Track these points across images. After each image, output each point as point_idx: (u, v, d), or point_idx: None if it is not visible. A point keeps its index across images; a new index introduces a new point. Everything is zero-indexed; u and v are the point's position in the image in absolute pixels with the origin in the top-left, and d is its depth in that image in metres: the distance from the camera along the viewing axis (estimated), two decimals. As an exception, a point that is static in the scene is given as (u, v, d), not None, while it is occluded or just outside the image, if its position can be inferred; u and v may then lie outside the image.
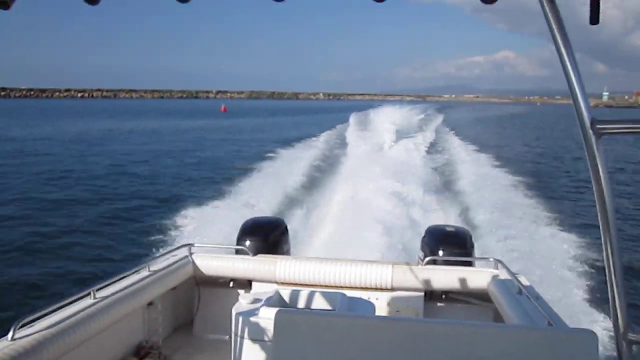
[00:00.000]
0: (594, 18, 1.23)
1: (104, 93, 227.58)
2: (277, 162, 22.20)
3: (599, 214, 1.33)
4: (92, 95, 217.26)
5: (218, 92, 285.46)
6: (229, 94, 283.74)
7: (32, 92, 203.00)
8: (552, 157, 30.79)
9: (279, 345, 1.95)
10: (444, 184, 17.18)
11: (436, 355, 1.86)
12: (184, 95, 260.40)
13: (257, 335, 3.07)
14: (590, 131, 1.30)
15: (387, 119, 34.05)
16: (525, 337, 1.86)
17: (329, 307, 3.27)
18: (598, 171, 1.30)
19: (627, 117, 1.35)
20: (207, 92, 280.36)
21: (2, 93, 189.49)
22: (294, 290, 3.48)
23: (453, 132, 37.34)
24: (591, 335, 1.81)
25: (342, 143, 28.40)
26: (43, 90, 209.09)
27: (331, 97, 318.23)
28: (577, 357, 1.78)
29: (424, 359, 1.86)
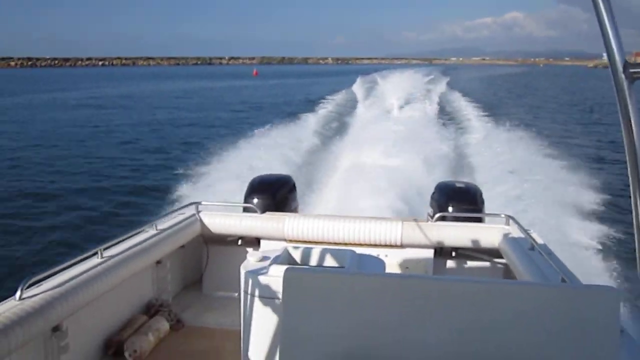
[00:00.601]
0: None
1: (123, 61, 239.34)
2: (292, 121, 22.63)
3: (628, 162, 1.24)
4: (112, 63, 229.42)
5: (230, 58, 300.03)
6: (240, 60, 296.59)
7: (56, 62, 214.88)
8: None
9: (288, 303, 1.91)
10: (452, 145, 17.09)
11: (448, 313, 1.81)
12: (198, 62, 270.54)
13: (266, 293, 3.04)
14: (623, 75, 1.20)
15: (393, 81, 35.41)
16: (540, 295, 1.80)
17: (338, 265, 3.23)
18: (629, 117, 1.22)
19: None
20: (220, 58, 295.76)
21: (29, 63, 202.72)
22: (302, 248, 3.44)
23: (458, 92, 38.42)
24: (613, 291, 1.73)
25: (352, 105, 28.70)
26: (67, 60, 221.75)
27: (339, 61, 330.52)
28: (597, 314, 1.71)
29: (436, 316, 1.82)
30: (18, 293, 2.75)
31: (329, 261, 3.34)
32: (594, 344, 1.72)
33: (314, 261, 3.33)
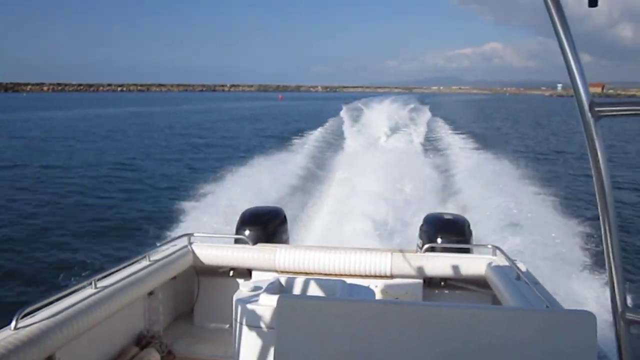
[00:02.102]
0: (593, 0, 1.22)
1: (139, 87, 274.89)
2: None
3: (597, 196, 1.33)
4: (129, 89, 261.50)
5: (232, 85, 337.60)
6: (240, 88, 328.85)
7: (82, 87, 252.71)
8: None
9: (281, 330, 1.96)
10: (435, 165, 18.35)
11: (436, 338, 1.87)
12: (204, 89, 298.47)
13: (258, 322, 3.08)
14: (589, 114, 1.29)
15: (379, 110, 39.84)
16: (523, 319, 1.88)
17: (329, 294, 3.29)
18: (597, 153, 1.31)
19: (626, 99, 1.35)
20: (223, 85, 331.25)
21: (59, 87, 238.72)
22: (294, 278, 3.49)
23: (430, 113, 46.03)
24: (589, 315, 1.82)
25: (339, 134, 29.76)
26: (90, 85, 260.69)
27: (328, 89, 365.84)
28: (576, 337, 1.79)
29: (424, 341, 1.88)
30: (13, 323, 2.78)
31: (320, 291, 3.40)
32: None
33: (305, 291, 3.38)
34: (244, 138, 36.22)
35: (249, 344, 3.14)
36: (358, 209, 10.20)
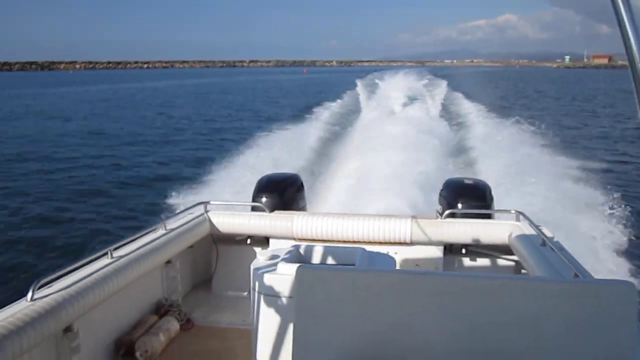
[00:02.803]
0: None
1: (164, 64, 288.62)
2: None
3: None
4: (155, 66, 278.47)
5: (251, 61, 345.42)
6: (259, 63, 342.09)
7: (111, 64, 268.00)
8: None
9: (301, 300, 1.90)
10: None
11: (460, 309, 1.79)
12: (224, 65, 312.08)
13: (276, 291, 3.03)
14: None
15: (393, 83, 38.69)
16: (554, 290, 1.77)
17: (348, 263, 3.21)
18: None
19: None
20: (242, 61, 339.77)
21: (90, 66, 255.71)
22: (312, 246, 3.42)
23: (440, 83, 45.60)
24: (628, 286, 1.70)
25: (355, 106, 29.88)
26: (118, 63, 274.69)
27: (342, 63, 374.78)
28: (613, 310, 1.68)
29: (448, 312, 1.80)
30: (29, 294, 2.75)
31: (340, 259, 3.33)
32: (610, 340, 1.69)
33: (324, 259, 3.31)
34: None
35: (267, 312, 3.09)
36: (375, 176, 10.09)
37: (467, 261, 4.56)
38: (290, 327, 1.94)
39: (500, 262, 4.41)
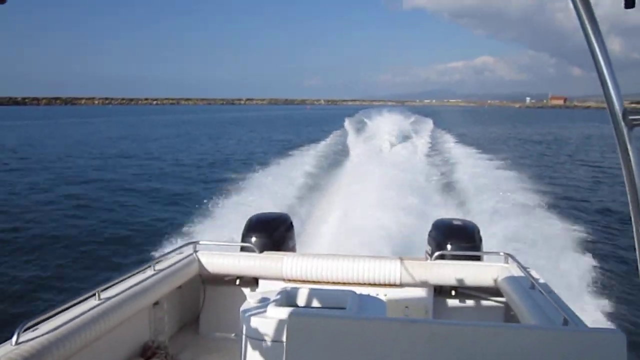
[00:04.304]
0: (630, 2, 1.16)
1: (170, 101, 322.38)
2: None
3: (630, 204, 1.28)
4: (162, 102, 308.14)
5: (247, 99, 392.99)
6: (254, 101, 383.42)
7: (124, 100, 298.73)
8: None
9: (292, 346, 1.90)
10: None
11: (450, 357, 1.79)
12: (224, 102, 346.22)
13: (265, 335, 3.01)
14: (622, 122, 1.25)
15: (380, 121, 39.85)
16: (543, 339, 1.78)
17: (339, 306, 3.21)
18: (630, 163, 1.26)
19: None
20: (239, 99, 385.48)
21: (107, 101, 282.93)
22: (302, 289, 3.41)
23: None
24: (619, 335, 1.72)
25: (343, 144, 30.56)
26: (131, 99, 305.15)
27: (329, 102, 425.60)
28: (603, 359, 1.69)
29: None
30: (15, 337, 2.70)
31: (330, 302, 3.32)
32: None
33: (314, 302, 3.30)
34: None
35: (256, 356, 3.06)
36: (364, 216, 10.11)
37: (456, 303, 4.55)
38: None
39: (490, 304, 4.41)
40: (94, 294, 3.43)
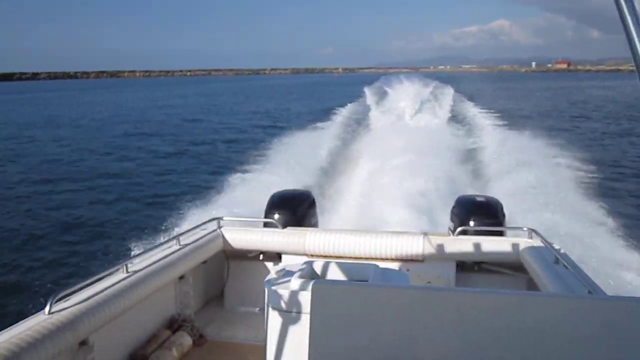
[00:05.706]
0: None
1: (202, 72, 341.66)
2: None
3: None
4: (195, 74, 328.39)
5: (271, 69, 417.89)
6: (278, 71, 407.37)
7: (162, 72, 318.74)
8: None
9: (316, 316, 1.92)
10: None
11: (473, 325, 1.80)
12: (250, 72, 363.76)
13: (289, 307, 3.04)
14: None
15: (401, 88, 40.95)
16: (567, 307, 1.77)
17: (361, 278, 3.22)
18: None
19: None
20: (264, 69, 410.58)
21: (147, 74, 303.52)
22: (325, 262, 3.43)
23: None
24: None
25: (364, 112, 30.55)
26: (168, 71, 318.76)
27: (347, 70, 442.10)
28: (628, 327, 1.68)
29: (460, 328, 1.81)
30: (47, 307, 2.79)
31: (353, 275, 3.34)
32: (624, 357, 1.69)
33: (337, 275, 3.32)
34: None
35: (280, 328, 3.10)
36: (387, 190, 10.07)
37: (479, 278, 4.54)
38: (304, 343, 1.96)
39: (513, 279, 4.39)
40: (122, 267, 3.51)
